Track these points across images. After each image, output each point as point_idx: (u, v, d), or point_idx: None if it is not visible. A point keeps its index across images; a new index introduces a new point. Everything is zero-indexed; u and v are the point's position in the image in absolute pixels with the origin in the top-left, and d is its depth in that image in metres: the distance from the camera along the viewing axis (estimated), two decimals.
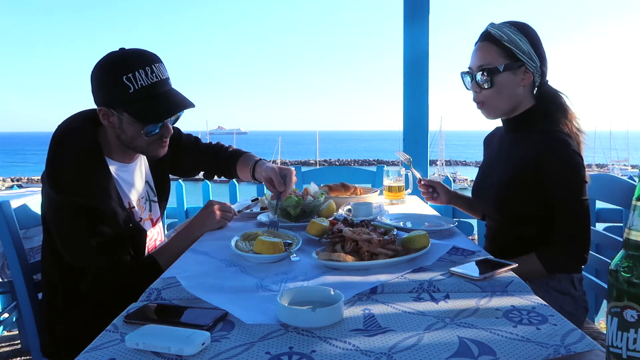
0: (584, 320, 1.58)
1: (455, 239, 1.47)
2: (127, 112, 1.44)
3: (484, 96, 1.61)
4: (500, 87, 1.57)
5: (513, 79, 1.56)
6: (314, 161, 53.10)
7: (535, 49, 1.54)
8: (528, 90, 1.59)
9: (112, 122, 1.48)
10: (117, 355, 0.79)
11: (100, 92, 1.46)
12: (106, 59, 1.46)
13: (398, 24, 3.04)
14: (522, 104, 1.60)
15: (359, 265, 1.18)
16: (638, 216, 0.62)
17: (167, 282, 1.12)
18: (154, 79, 1.43)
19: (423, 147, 3.07)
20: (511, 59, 1.54)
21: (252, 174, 1.81)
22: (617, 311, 0.62)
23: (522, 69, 1.55)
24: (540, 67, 1.56)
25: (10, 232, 1.59)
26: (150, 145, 1.53)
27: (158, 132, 1.51)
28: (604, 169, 37.58)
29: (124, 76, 1.39)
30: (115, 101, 1.43)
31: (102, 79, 1.45)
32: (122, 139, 1.52)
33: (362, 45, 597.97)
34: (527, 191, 1.53)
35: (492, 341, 0.81)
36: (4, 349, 2.73)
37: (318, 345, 0.80)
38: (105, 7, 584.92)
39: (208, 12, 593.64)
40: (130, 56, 1.44)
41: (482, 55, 1.58)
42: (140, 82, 1.40)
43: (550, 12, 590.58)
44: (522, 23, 1.58)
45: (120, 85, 1.39)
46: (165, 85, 1.47)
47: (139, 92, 1.41)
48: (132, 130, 1.48)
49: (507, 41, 1.53)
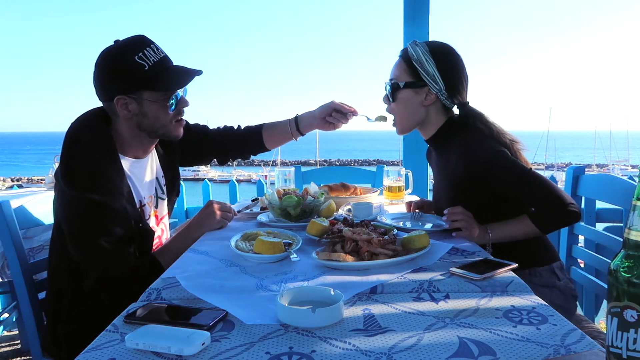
0: (575, 308, 1.59)
1: (455, 239, 1.47)
2: (148, 89, 1.48)
3: (391, 109, 1.71)
4: (400, 103, 1.66)
5: (414, 97, 1.63)
6: (314, 161, 53.10)
7: (443, 72, 1.58)
8: (437, 109, 1.65)
9: (132, 109, 1.50)
10: (117, 355, 0.79)
11: (114, 83, 1.47)
12: (108, 51, 1.48)
13: (398, 24, 3.04)
14: (431, 121, 1.66)
15: (359, 265, 1.18)
16: (638, 216, 0.62)
17: (167, 282, 1.12)
18: (161, 54, 1.50)
19: (423, 147, 3.06)
20: (414, 78, 1.61)
21: (297, 128, 1.88)
22: (617, 311, 0.62)
23: (425, 89, 1.61)
24: (447, 90, 1.59)
25: (10, 232, 1.59)
26: (171, 125, 1.56)
27: (176, 107, 1.55)
28: (604, 169, 37.57)
29: (135, 56, 1.43)
30: (132, 84, 1.46)
31: (113, 69, 1.47)
32: (143, 126, 1.53)
33: (362, 45, 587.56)
34: (470, 196, 1.54)
35: (492, 341, 0.81)
36: (4, 349, 2.73)
37: (318, 345, 0.80)
38: (93, 9, 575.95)
39: (206, 9, 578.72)
40: (132, 41, 1.48)
41: (394, 70, 1.67)
42: (151, 58, 1.46)
43: (550, 12, 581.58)
44: (440, 45, 1.63)
45: (135, 66, 1.43)
46: (169, 61, 1.53)
47: (154, 67, 1.46)
48: (155, 108, 1.50)
49: (415, 60, 1.60)
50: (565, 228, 1.95)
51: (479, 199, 1.54)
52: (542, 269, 1.54)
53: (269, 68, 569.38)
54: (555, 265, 1.56)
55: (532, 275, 1.52)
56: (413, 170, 2.31)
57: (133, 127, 1.54)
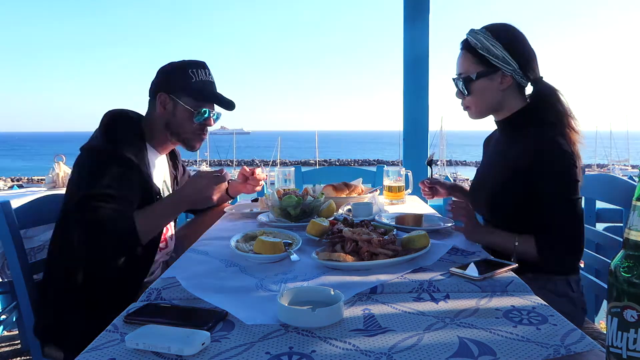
0: (582, 321, 1.57)
1: (455, 239, 1.47)
2: (185, 96, 1.72)
3: (467, 102, 1.67)
4: (477, 94, 1.61)
5: (489, 84, 1.58)
6: (314, 161, 53.07)
7: (512, 51, 1.54)
8: (513, 91, 1.60)
9: (167, 107, 1.72)
10: (117, 355, 0.79)
11: (164, 80, 1.75)
12: (172, 62, 1.78)
13: (398, 24, 3.04)
14: (510, 105, 1.61)
15: (359, 265, 1.18)
16: (638, 216, 0.62)
17: (167, 282, 1.12)
18: (210, 79, 1.79)
19: (423, 147, 3.07)
20: (485, 66, 1.57)
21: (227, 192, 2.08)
22: (617, 311, 0.62)
23: (499, 73, 1.57)
24: (520, 69, 1.55)
25: (10, 232, 1.59)
26: (193, 135, 1.77)
27: (202, 122, 1.77)
28: (604, 169, 37.55)
29: (189, 70, 1.73)
30: (177, 87, 1.72)
31: (170, 71, 1.75)
32: (171, 125, 1.74)
33: (362, 45, 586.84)
34: (519, 191, 1.52)
35: (492, 341, 0.81)
36: (4, 349, 2.73)
37: (318, 345, 0.80)
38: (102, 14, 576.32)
39: (211, 11, 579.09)
40: (194, 60, 1.78)
41: (460, 63, 1.63)
42: (201, 76, 1.74)
43: (550, 11, 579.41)
44: (500, 26, 1.59)
45: (186, 75, 1.72)
46: (215, 87, 1.80)
47: (199, 83, 1.74)
48: (184, 114, 1.73)
49: (480, 48, 1.56)
50: None
51: (518, 202, 1.52)
52: (558, 278, 1.52)
53: (271, 68, 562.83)
54: (572, 279, 1.54)
55: (548, 281, 1.50)
56: (413, 170, 2.31)
57: (161, 123, 1.74)
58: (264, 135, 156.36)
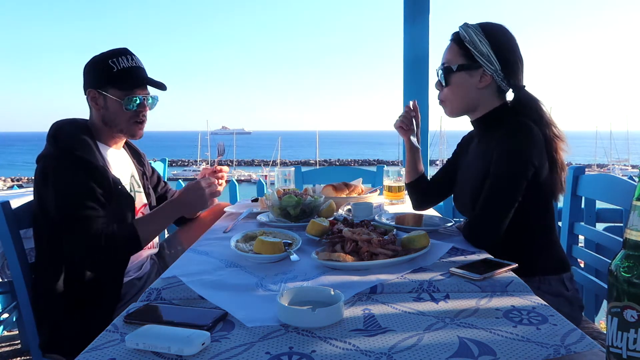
0: (580, 318, 1.58)
1: (455, 239, 1.47)
2: (112, 87, 1.71)
3: (443, 94, 1.63)
4: (454, 86, 1.58)
5: (468, 79, 1.55)
6: (314, 161, 53.09)
7: (497, 52, 1.51)
8: (491, 93, 1.56)
9: (99, 103, 1.73)
10: (117, 355, 0.79)
11: (89, 77, 1.75)
12: (95, 55, 1.75)
13: (398, 24, 3.04)
14: (484, 105, 1.58)
15: (359, 265, 1.18)
16: (638, 216, 0.61)
17: (167, 282, 1.12)
18: (133, 64, 1.74)
19: (423, 147, 3.06)
20: (468, 60, 1.54)
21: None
22: (617, 311, 0.62)
23: (480, 71, 1.53)
24: (502, 71, 1.52)
25: (10, 232, 1.59)
26: (129, 123, 1.76)
27: (136, 109, 1.75)
28: (604, 169, 37.54)
29: (109, 60, 1.71)
30: (101, 80, 1.72)
31: (91, 66, 1.74)
32: (106, 119, 1.74)
33: (362, 45, 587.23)
34: None
35: (492, 341, 0.81)
36: (4, 349, 2.73)
37: (318, 345, 0.80)
38: (99, 15, 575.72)
39: (211, 11, 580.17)
40: (114, 49, 1.75)
41: (446, 54, 1.60)
42: (122, 64, 1.72)
43: (550, 11, 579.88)
44: (494, 25, 1.56)
45: (106, 67, 1.70)
46: (143, 71, 1.78)
47: (122, 71, 1.71)
48: (115, 106, 1.72)
49: (467, 42, 1.52)
50: (566, 228, 1.95)
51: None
52: (552, 278, 1.51)
53: (272, 68, 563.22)
54: (565, 276, 1.53)
55: (541, 282, 1.49)
56: None
57: (99, 119, 1.75)
58: (265, 135, 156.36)
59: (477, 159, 1.60)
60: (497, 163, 1.45)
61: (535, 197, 1.47)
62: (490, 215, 1.44)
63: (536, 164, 1.43)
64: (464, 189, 1.67)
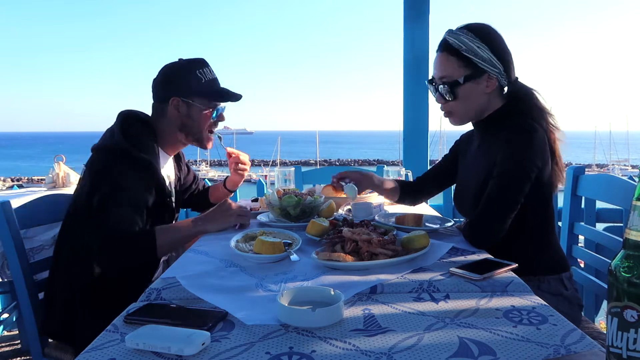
0: (580, 317, 1.58)
1: (455, 239, 1.47)
2: (200, 97, 1.76)
3: (450, 107, 1.59)
4: (464, 98, 1.54)
5: (476, 87, 1.53)
6: (314, 161, 53.07)
7: (496, 53, 1.50)
8: (495, 93, 1.56)
9: (181, 110, 1.75)
10: (117, 355, 0.79)
11: (172, 86, 1.75)
12: (175, 63, 1.78)
13: (398, 24, 3.04)
14: (490, 106, 1.57)
15: (359, 265, 1.18)
16: (638, 216, 0.61)
17: (167, 282, 1.12)
18: (214, 76, 1.82)
19: (423, 147, 3.07)
20: (472, 69, 1.51)
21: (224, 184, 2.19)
22: (617, 311, 0.62)
23: (485, 76, 1.52)
24: (505, 70, 1.52)
25: (10, 232, 1.59)
26: (206, 132, 1.81)
27: (215, 120, 1.82)
28: (604, 169, 37.53)
29: (197, 70, 1.75)
30: (188, 90, 1.74)
31: (176, 74, 1.76)
32: (186, 127, 1.77)
33: (362, 45, 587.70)
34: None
35: (492, 341, 0.81)
36: (4, 349, 2.73)
37: (318, 345, 0.80)
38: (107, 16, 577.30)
39: (212, 11, 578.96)
40: (196, 59, 1.80)
41: (442, 67, 1.55)
42: (208, 75, 1.78)
43: (550, 11, 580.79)
44: (481, 26, 1.53)
45: (195, 76, 1.74)
46: (218, 82, 1.84)
47: (209, 83, 1.77)
48: (200, 114, 1.77)
49: (465, 50, 1.49)
50: (566, 228, 1.95)
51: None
52: (551, 278, 1.51)
53: (273, 68, 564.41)
54: (564, 276, 1.53)
55: (541, 282, 1.49)
56: (413, 170, 2.30)
57: (174, 126, 1.77)
58: (266, 135, 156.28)
59: (479, 160, 1.60)
60: (502, 165, 1.44)
61: (535, 196, 1.47)
62: (492, 216, 1.44)
63: (540, 165, 1.43)
64: (465, 190, 1.67)
